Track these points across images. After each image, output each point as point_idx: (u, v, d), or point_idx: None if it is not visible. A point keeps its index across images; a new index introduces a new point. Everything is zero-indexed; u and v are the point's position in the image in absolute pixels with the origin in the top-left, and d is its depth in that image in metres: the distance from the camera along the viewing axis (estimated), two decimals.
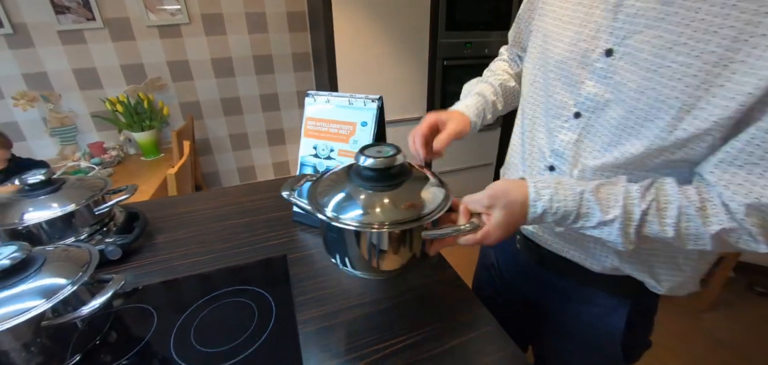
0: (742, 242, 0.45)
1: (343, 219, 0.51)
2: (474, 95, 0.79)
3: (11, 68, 2.12)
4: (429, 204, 0.53)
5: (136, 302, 0.72)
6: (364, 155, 0.53)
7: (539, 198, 0.50)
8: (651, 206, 0.47)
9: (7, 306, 0.53)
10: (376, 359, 0.57)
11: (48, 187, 0.81)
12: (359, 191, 0.54)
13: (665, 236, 0.47)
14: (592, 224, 0.50)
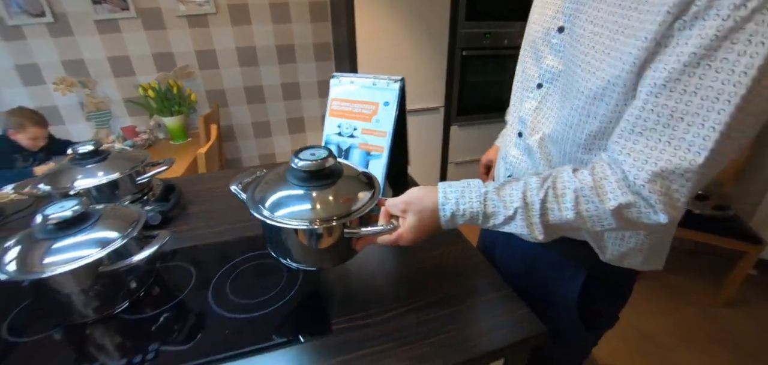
0: (643, 216, 0.46)
1: (275, 217, 0.55)
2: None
3: (52, 55, 2.26)
4: (354, 204, 0.58)
5: (176, 262, 0.79)
6: (298, 157, 0.57)
7: (447, 202, 0.55)
8: (548, 193, 0.50)
9: (69, 252, 0.59)
10: (396, 315, 0.62)
11: (96, 157, 0.89)
12: (293, 190, 0.58)
13: (568, 219, 0.49)
14: (499, 221, 0.53)
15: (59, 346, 0.60)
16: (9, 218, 1.02)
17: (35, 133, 1.94)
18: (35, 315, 0.66)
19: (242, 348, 0.58)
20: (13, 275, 0.57)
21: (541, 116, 0.63)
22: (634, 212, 0.46)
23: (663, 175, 0.43)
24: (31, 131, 1.92)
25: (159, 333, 0.61)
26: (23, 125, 1.90)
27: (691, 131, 0.41)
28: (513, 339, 0.57)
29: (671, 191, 0.43)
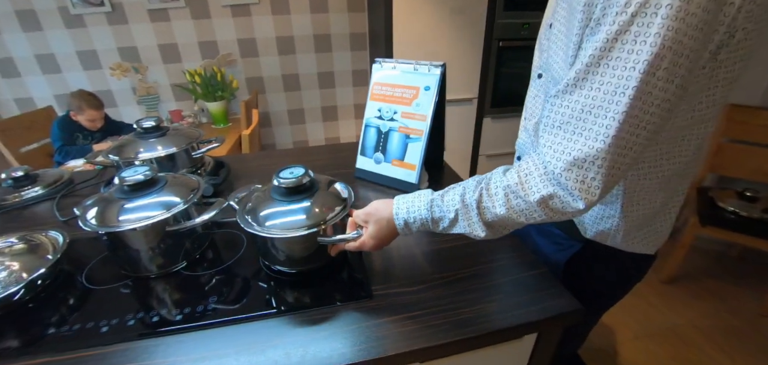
0: (564, 205, 0.49)
1: (263, 228, 0.64)
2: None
3: (109, 42, 2.43)
4: (327, 215, 0.66)
5: (228, 230, 0.85)
6: (279, 176, 0.67)
7: (399, 212, 0.61)
8: (482, 194, 0.55)
9: (140, 212, 0.66)
10: (434, 285, 0.65)
11: (157, 132, 0.97)
12: (275, 205, 0.67)
13: (501, 215, 0.53)
14: (446, 224, 0.58)
15: (127, 295, 0.67)
16: (77, 186, 1.13)
17: (92, 115, 2.09)
18: (109, 267, 0.74)
19: (292, 307, 0.63)
20: (94, 228, 0.65)
21: (537, 103, 0.69)
22: (557, 202, 0.50)
23: (577, 164, 0.47)
24: (89, 113, 2.08)
25: (213, 290, 0.67)
26: (82, 108, 2.06)
27: (597, 122, 0.45)
28: (547, 314, 0.59)
29: (587, 179, 0.47)
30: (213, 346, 0.55)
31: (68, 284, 0.71)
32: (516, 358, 0.68)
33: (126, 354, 0.55)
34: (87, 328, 0.60)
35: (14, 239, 0.75)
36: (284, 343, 0.55)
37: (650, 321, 1.72)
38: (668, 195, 0.62)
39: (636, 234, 0.66)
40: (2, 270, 0.71)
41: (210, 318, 0.61)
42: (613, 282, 0.75)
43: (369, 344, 0.54)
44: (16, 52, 2.38)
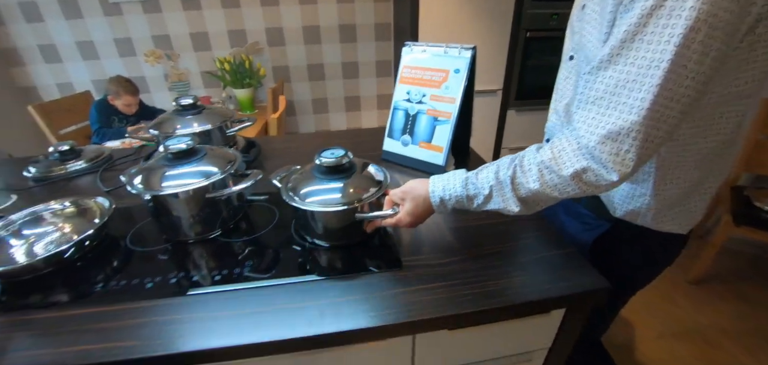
0: (598, 178, 0.50)
1: (305, 203, 0.68)
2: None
3: (144, 30, 2.52)
4: (364, 194, 0.69)
5: (261, 203, 0.88)
6: (321, 155, 0.70)
7: (435, 189, 0.63)
8: (516, 170, 0.56)
9: (182, 179, 0.70)
10: (462, 259, 0.66)
11: (194, 110, 1.01)
12: (316, 182, 0.70)
13: (535, 190, 0.54)
14: (481, 201, 0.60)
15: (168, 257, 0.71)
16: (117, 162, 1.19)
17: (128, 100, 2.18)
18: (150, 233, 0.78)
19: (325, 272, 0.65)
20: (140, 191, 0.69)
21: (568, 84, 0.70)
22: (590, 176, 0.50)
23: (611, 137, 0.47)
24: (125, 98, 2.17)
25: (248, 255, 0.70)
26: (119, 92, 2.16)
27: (631, 96, 0.46)
28: (576, 290, 0.59)
29: (621, 152, 0.47)
30: (250, 304, 0.58)
31: (113, 247, 0.75)
32: (543, 334, 0.69)
33: (170, 308, 0.58)
34: (133, 284, 0.64)
35: (67, 203, 0.80)
36: (318, 304, 0.57)
37: (675, 320, 1.67)
38: (703, 174, 0.60)
39: (667, 213, 0.65)
40: (55, 231, 0.77)
41: (246, 279, 0.64)
42: (638, 265, 0.74)
43: (399, 309, 0.56)
44: (59, 39, 2.51)
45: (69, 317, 0.58)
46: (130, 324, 0.56)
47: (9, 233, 0.73)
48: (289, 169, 0.80)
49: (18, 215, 0.75)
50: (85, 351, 0.52)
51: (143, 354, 0.51)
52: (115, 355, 0.51)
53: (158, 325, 0.55)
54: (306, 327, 0.54)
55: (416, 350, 0.63)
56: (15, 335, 0.55)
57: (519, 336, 0.67)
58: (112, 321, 0.56)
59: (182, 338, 0.53)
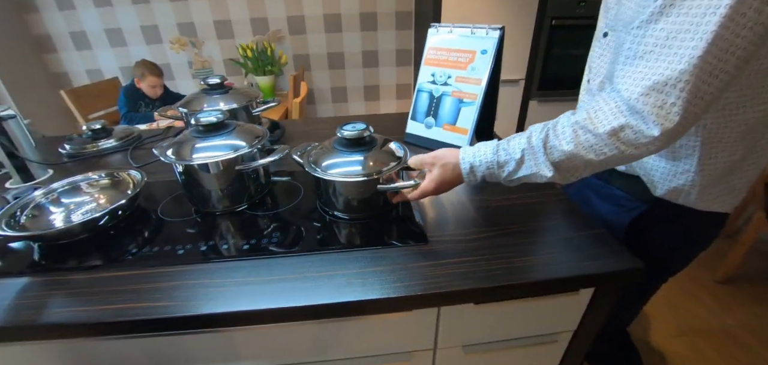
0: (638, 135, 0.48)
1: (327, 173, 0.68)
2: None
3: (169, 18, 2.58)
4: (385, 166, 0.69)
5: (286, 179, 0.90)
6: (343, 128, 0.70)
7: (465, 156, 0.63)
8: (548, 133, 0.55)
9: (213, 151, 0.71)
10: (489, 236, 0.65)
11: (221, 90, 1.03)
12: (339, 155, 0.70)
13: (569, 151, 0.53)
14: (512, 167, 0.59)
15: (197, 227, 0.73)
16: (145, 141, 1.22)
17: (153, 81, 2.24)
18: (179, 205, 0.80)
19: (351, 245, 0.65)
20: (172, 161, 0.71)
21: (603, 62, 0.68)
22: (628, 134, 0.49)
23: (656, 88, 0.45)
24: (150, 79, 2.23)
25: (275, 227, 0.72)
26: (144, 74, 2.22)
27: (683, 45, 0.43)
28: (605, 269, 0.58)
29: (666, 104, 0.45)
30: (278, 272, 0.59)
31: (145, 217, 0.78)
32: (569, 315, 0.68)
33: (200, 273, 0.60)
34: (165, 250, 0.66)
35: (103, 174, 0.83)
36: (345, 274, 0.58)
37: (700, 319, 1.62)
38: (749, 147, 0.58)
39: (712, 190, 0.62)
40: (91, 200, 0.80)
41: (274, 249, 0.65)
42: (677, 246, 0.72)
43: (425, 280, 0.56)
44: (89, 27, 2.59)
45: (104, 278, 0.60)
46: (163, 287, 0.57)
47: (49, 201, 0.76)
48: (307, 145, 0.80)
49: (58, 184, 0.79)
50: (120, 310, 0.54)
51: (176, 313, 0.53)
52: (149, 314, 0.53)
53: (190, 288, 0.57)
54: (333, 295, 0.54)
55: (440, 323, 0.63)
56: (54, 293, 0.58)
57: (545, 315, 0.67)
58: (145, 283, 0.58)
59: (213, 301, 0.54)
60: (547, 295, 0.61)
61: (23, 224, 0.70)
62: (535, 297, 0.62)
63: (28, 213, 0.73)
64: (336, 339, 0.64)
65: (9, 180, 0.96)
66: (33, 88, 2.57)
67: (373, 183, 0.68)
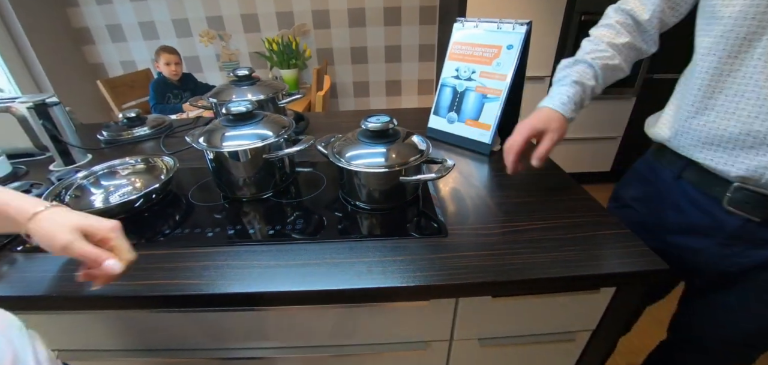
0: None
1: (351, 164, 0.70)
2: (571, 83, 0.75)
3: (199, 11, 2.66)
4: (409, 157, 0.70)
5: (310, 169, 0.92)
6: (367, 120, 0.71)
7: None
8: None
9: (242, 140, 0.74)
10: (509, 231, 0.65)
11: (248, 81, 1.06)
12: (363, 146, 0.72)
13: None
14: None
15: (225, 212, 0.76)
16: (175, 130, 1.28)
17: (166, 58, 2.29)
18: (208, 191, 0.84)
19: (372, 234, 0.67)
20: (204, 148, 0.74)
21: None
22: None
23: None
24: (164, 57, 2.29)
25: (299, 215, 0.74)
26: (159, 54, 2.29)
27: None
28: (627, 269, 0.57)
29: None
30: (301, 258, 0.61)
31: (176, 201, 0.82)
32: (588, 314, 0.67)
33: (228, 255, 0.63)
34: (195, 232, 0.69)
35: (139, 159, 0.88)
36: (365, 262, 0.60)
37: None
38: None
39: None
40: (128, 183, 0.84)
41: (298, 235, 0.67)
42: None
43: (445, 271, 0.57)
44: (124, 19, 2.70)
45: (142, 256, 0.63)
46: (193, 266, 0.60)
47: (90, 183, 0.81)
48: (330, 137, 0.82)
49: (98, 167, 0.84)
50: (155, 285, 0.57)
51: (207, 291, 0.55)
52: (182, 290, 0.56)
53: (219, 268, 0.60)
54: (354, 281, 0.56)
55: (458, 315, 0.64)
56: None
57: (563, 313, 0.66)
58: (177, 262, 0.62)
59: (241, 281, 0.57)
60: (566, 292, 0.61)
61: (67, 203, 0.75)
62: (554, 294, 0.62)
63: (72, 193, 0.78)
64: (354, 326, 0.66)
65: (52, 163, 1.03)
66: (72, 79, 2.71)
67: (396, 175, 0.69)
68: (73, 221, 0.48)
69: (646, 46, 0.77)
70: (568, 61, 0.80)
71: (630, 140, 2.39)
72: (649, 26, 0.73)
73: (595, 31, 0.79)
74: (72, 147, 1.02)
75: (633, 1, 0.74)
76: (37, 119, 0.96)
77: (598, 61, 0.75)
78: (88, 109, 2.76)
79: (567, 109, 0.74)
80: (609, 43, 0.76)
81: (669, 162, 0.75)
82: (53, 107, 0.98)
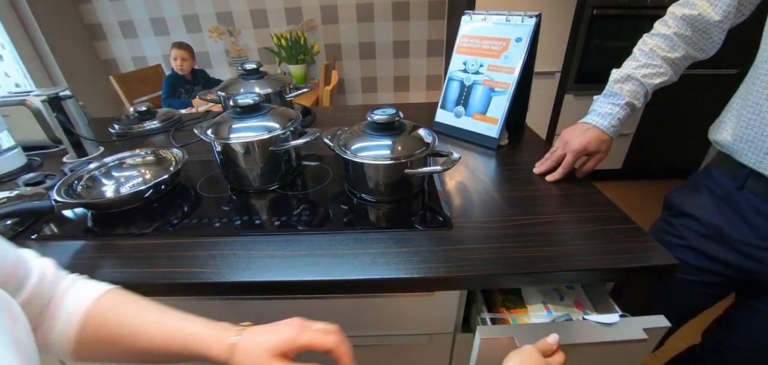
0: None
1: (356, 156, 0.70)
2: (623, 105, 0.76)
3: (209, 7, 2.68)
4: (415, 150, 0.70)
5: (316, 163, 0.92)
6: (373, 112, 0.71)
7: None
8: None
9: (249, 133, 0.75)
10: (514, 225, 0.65)
11: (256, 75, 1.07)
12: (368, 139, 0.72)
13: None
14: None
15: (232, 204, 0.77)
16: (185, 124, 1.29)
17: (176, 54, 2.33)
18: (216, 183, 0.85)
19: (377, 226, 0.67)
20: (211, 140, 0.75)
21: None
22: None
23: None
24: (174, 52, 2.32)
25: (304, 207, 0.74)
26: (171, 51, 2.32)
27: None
28: (634, 264, 0.56)
29: None
30: (306, 248, 0.62)
31: (184, 192, 0.83)
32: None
33: (235, 245, 0.63)
34: (203, 222, 0.70)
35: (148, 151, 0.89)
36: (369, 253, 0.60)
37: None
38: None
39: None
40: (138, 175, 0.86)
41: (303, 226, 0.68)
42: None
43: (449, 263, 0.57)
44: (136, 15, 2.74)
45: (149, 245, 0.65)
46: (201, 255, 0.61)
47: (101, 174, 0.83)
48: (337, 129, 0.82)
49: (109, 159, 0.85)
50: (165, 273, 0.58)
51: (214, 279, 0.56)
52: (191, 278, 0.57)
53: (226, 257, 0.60)
54: (358, 271, 0.56)
55: (462, 308, 0.64)
56: (106, 256, 0.63)
57: None
58: (186, 251, 0.62)
59: (248, 269, 0.57)
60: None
61: (79, 193, 0.76)
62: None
63: (83, 184, 0.79)
64: (358, 317, 0.66)
65: (65, 155, 1.05)
66: (85, 74, 2.76)
67: (401, 167, 0.69)
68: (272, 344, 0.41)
69: (702, 54, 0.73)
70: (620, 74, 0.78)
71: (642, 138, 2.35)
72: (717, 30, 0.69)
73: (651, 41, 0.76)
74: (84, 140, 1.04)
75: (701, 2, 0.69)
76: (51, 112, 0.98)
77: (650, 80, 0.74)
78: (101, 103, 2.81)
79: (616, 131, 0.78)
80: (663, 58, 0.73)
81: (730, 171, 0.70)
82: (66, 101, 1.00)
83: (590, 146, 0.77)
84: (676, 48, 0.72)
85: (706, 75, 1.95)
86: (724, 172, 0.71)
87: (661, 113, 2.24)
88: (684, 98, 2.17)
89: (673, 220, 0.81)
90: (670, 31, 0.73)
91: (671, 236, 0.79)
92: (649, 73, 0.74)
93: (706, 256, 0.74)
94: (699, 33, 0.71)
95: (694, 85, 2.09)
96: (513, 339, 0.48)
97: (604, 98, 0.79)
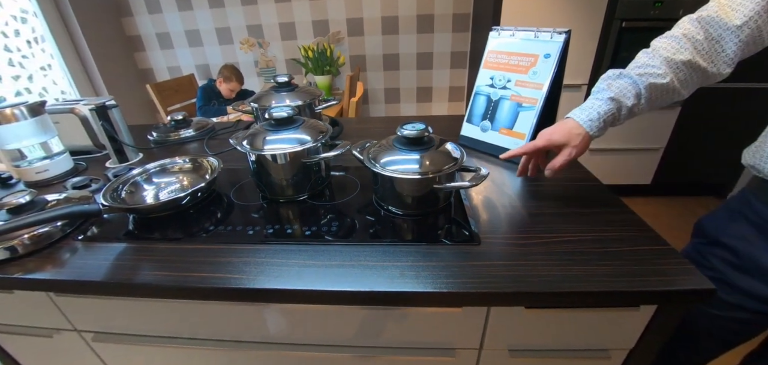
0: None
1: (386, 170, 0.71)
2: (607, 99, 0.69)
3: (240, 20, 2.79)
4: (443, 165, 0.71)
5: (344, 174, 0.95)
6: (403, 127, 0.73)
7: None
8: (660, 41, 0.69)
9: (282, 144, 0.78)
10: (544, 242, 0.65)
11: (287, 88, 1.11)
12: (397, 153, 0.73)
13: None
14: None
15: (264, 212, 0.80)
16: (217, 133, 1.35)
17: (234, 86, 2.45)
18: (248, 191, 0.88)
19: (404, 240, 0.68)
20: (247, 150, 0.78)
21: None
22: None
23: None
24: (233, 84, 2.44)
25: (334, 217, 0.76)
26: (230, 78, 2.43)
27: None
28: (670, 287, 0.55)
29: None
30: (336, 259, 0.64)
31: (219, 200, 0.86)
32: (626, 332, 0.65)
33: (268, 253, 0.66)
34: (237, 230, 0.73)
35: (187, 159, 0.94)
36: (398, 266, 0.61)
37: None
38: None
39: None
40: (176, 182, 0.90)
41: (332, 236, 0.70)
42: None
43: (477, 279, 0.57)
44: (172, 28, 2.88)
45: (187, 250, 0.68)
46: (235, 261, 0.64)
47: (143, 179, 0.88)
48: (365, 142, 0.84)
49: (151, 165, 0.90)
50: (200, 277, 0.61)
51: (248, 285, 0.59)
52: (225, 283, 0.59)
53: (258, 265, 0.63)
54: (387, 284, 0.57)
55: (489, 323, 0.64)
56: (144, 259, 0.67)
57: (600, 329, 0.64)
58: (221, 257, 0.65)
59: (280, 277, 0.60)
60: (604, 307, 0.60)
61: (123, 198, 0.81)
62: (591, 308, 0.60)
63: (127, 189, 0.84)
64: (384, 328, 0.67)
65: (108, 160, 1.11)
66: (124, 82, 2.91)
67: (430, 182, 0.70)
68: None
69: (710, 66, 0.65)
70: (614, 73, 0.72)
71: (674, 152, 2.27)
72: (733, 39, 0.63)
73: (657, 42, 0.70)
74: (126, 146, 1.11)
75: (720, 4, 0.63)
76: (97, 120, 1.05)
77: (645, 79, 0.67)
78: (135, 110, 2.96)
79: (594, 126, 0.69)
80: (665, 58, 0.67)
81: (767, 198, 0.67)
82: (111, 109, 1.07)
83: (555, 135, 0.71)
84: (682, 50, 0.66)
85: (740, 89, 1.87)
86: (763, 200, 0.68)
87: (693, 127, 2.16)
88: (718, 112, 2.08)
89: (704, 248, 0.77)
90: (679, 31, 0.67)
91: (703, 268, 0.71)
92: (644, 73, 0.67)
93: (741, 291, 0.71)
94: (711, 40, 0.64)
95: (728, 99, 2.01)
96: None
97: (592, 94, 0.74)
